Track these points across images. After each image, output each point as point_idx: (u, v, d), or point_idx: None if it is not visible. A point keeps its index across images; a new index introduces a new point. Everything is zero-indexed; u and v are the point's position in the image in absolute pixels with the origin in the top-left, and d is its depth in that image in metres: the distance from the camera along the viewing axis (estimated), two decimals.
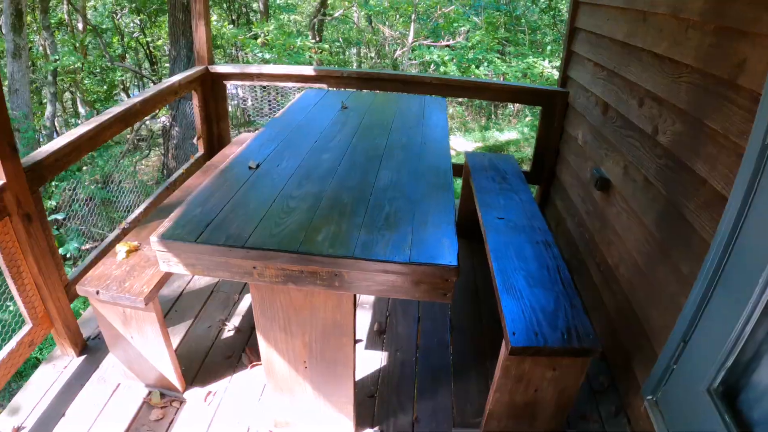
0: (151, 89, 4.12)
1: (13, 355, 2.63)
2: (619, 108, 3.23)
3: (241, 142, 4.31)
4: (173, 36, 10.09)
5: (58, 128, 11.57)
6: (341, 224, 1.96)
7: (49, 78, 9.75)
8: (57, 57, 9.57)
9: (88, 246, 7.51)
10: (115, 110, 3.51)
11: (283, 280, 1.86)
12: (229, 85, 4.93)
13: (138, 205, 4.15)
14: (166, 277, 2.55)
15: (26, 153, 8.66)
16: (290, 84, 4.87)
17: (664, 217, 2.54)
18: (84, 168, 9.06)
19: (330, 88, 4.70)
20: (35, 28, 11.46)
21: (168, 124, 10.68)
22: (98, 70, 13.52)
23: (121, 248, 2.74)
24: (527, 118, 14.67)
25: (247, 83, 4.95)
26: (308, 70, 4.75)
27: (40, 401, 2.72)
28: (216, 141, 5.02)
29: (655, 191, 2.66)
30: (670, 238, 2.48)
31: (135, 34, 15.81)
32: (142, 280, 2.48)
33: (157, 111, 14.28)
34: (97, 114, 3.64)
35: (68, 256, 7.05)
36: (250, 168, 2.48)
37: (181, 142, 10.19)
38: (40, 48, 11.70)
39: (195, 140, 5.01)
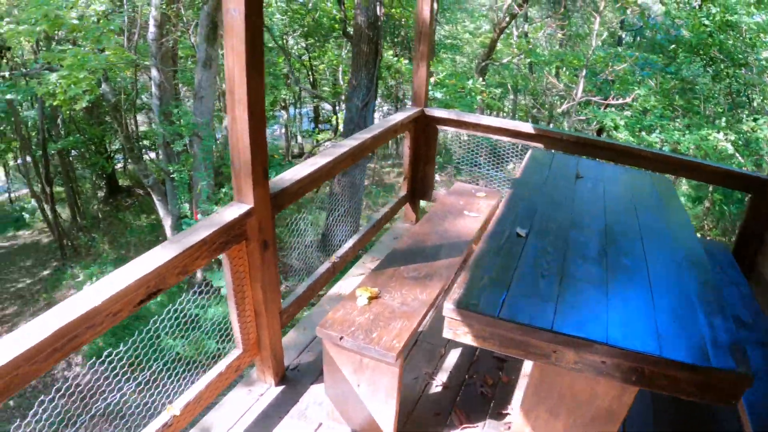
0: (378, 127, 4.21)
1: (221, 378, 2.67)
2: None
3: (458, 193, 4.25)
4: (356, 66, 10.46)
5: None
6: (633, 314, 1.90)
7: None
8: None
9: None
10: (349, 144, 3.61)
11: (580, 367, 1.80)
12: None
13: (345, 240, 4.20)
14: (414, 333, 2.51)
15: (208, 158, 9.27)
16: (504, 138, 4.79)
17: None
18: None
19: (540, 146, 4.59)
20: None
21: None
22: (269, 87, 14.25)
23: (362, 293, 2.73)
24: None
25: (461, 131, 4.94)
26: (526, 128, 4.64)
27: (234, 425, 2.74)
28: (419, 183, 5.04)
29: None
30: None
31: (302, 56, 16.62)
32: (390, 333, 2.45)
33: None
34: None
35: None
36: (518, 236, 2.42)
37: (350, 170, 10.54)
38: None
39: (402, 180, 5.05)
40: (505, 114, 18.43)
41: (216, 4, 9.33)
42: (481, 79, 14.42)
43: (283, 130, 22.71)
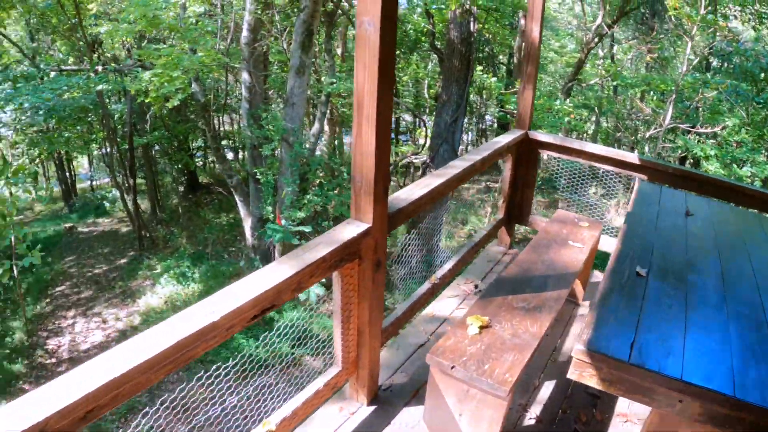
0: (485, 149, 4.19)
1: (317, 395, 2.69)
2: None
3: (561, 221, 4.19)
4: (446, 80, 10.48)
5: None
6: (763, 369, 1.84)
7: (322, 98, 10.49)
8: (334, 80, 10.29)
9: None
10: (461, 166, 3.63)
11: (703, 419, 1.76)
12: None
13: (445, 261, 4.20)
14: (526, 367, 2.48)
15: (295, 165, 9.38)
16: (607, 167, 4.69)
17: None
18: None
19: (644, 177, 4.46)
20: (317, 50, 12.49)
21: (428, 162, 11.03)
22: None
23: (473, 322, 2.73)
24: None
25: (563, 156, 4.86)
26: (631, 158, 4.54)
27: None
28: (517, 207, 4.97)
29: None
30: None
31: None
32: (502, 365, 2.44)
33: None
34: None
35: None
36: (638, 275, 2.40)
37: None
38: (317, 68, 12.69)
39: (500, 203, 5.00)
40: (587, 137, 18.08)
41: (312, 11, 9.47)
42: (567, 99, 14.21)
43: None
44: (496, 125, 21.30)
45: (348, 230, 2.47)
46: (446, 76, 10.61)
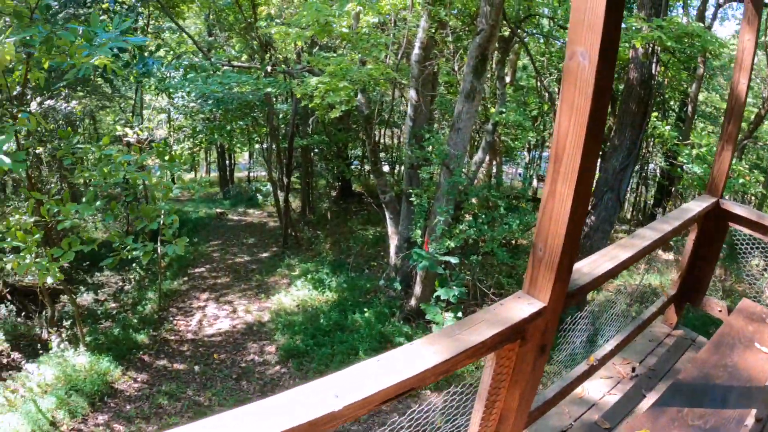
0: (675, 218, 3.56)
1: None
2: None
3: (746, 315, 3.48)
4: (620, 124, 9.78)
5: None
6: None
7: (489, 126, 10.10)
8: (503, 110, 9.87)
9: None
10: (650, 236, 3.08)
11: None
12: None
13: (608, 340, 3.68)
14: None
15: (452, 193, 9.06)
16: None
17: None
18: None
19: None
20: (488, 76, 12.15)
21: (590, 207, 10.34)
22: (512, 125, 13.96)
23: None
24: None
25: (756, 234, 4.10)
26: None
27: None
28: (691, 285, 4.29)
29: None
30: None
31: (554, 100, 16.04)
32: None
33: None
34: None
35: None
36: None
37: (596, 230, 9.84)
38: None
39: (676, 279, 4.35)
40: (755, 201, 16.39)
41: (489, 35, 9.10)
42: (741, 159, 12.88)
43: (518, 170, 22.40)
44: (658, 175, 19.89)
45: (517, 308, 2.05)
46: (621, 120, 9.89)
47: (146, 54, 8.26)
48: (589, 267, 2.52)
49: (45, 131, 11.26)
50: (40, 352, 9.61)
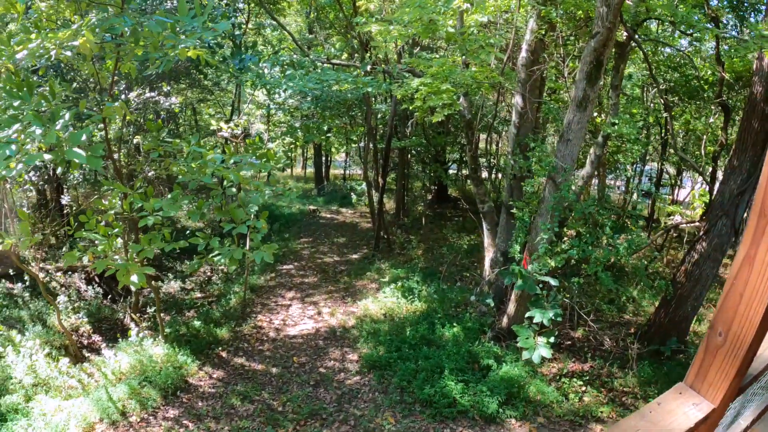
0: None
1: None
2: None
3: None
4: (740, 143, 8.76)
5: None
6: None
7: (599, 139, 9.31)
8: (616, 122, 9.05)
9: None
10: None
11: None
12: None
13: None
14: None
15: (557, 209, 8.35)
16: None
17: None
18: None
19: None
20: (601, 84, 11.28)
21: (701, 236, 9.36)
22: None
23: None
24: None
25: None
26: None
27: None
28: None
29: None
30: None
31: (664, 114, 14.86)
32: None
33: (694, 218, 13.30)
34: None
35: None
36: None
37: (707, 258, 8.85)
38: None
39: None
40: None
41: (605, 39, 8.31)
42: None
43: (618, 183, 21.17)
44: None
45: (680, 413, 1.53)
46: (741, 139, 8.80)
47: (243, 49, 8.06)
48: (763, 348, 1.90)
49: (145, 122, 11.41)
50: (119, 338, 9.70)
